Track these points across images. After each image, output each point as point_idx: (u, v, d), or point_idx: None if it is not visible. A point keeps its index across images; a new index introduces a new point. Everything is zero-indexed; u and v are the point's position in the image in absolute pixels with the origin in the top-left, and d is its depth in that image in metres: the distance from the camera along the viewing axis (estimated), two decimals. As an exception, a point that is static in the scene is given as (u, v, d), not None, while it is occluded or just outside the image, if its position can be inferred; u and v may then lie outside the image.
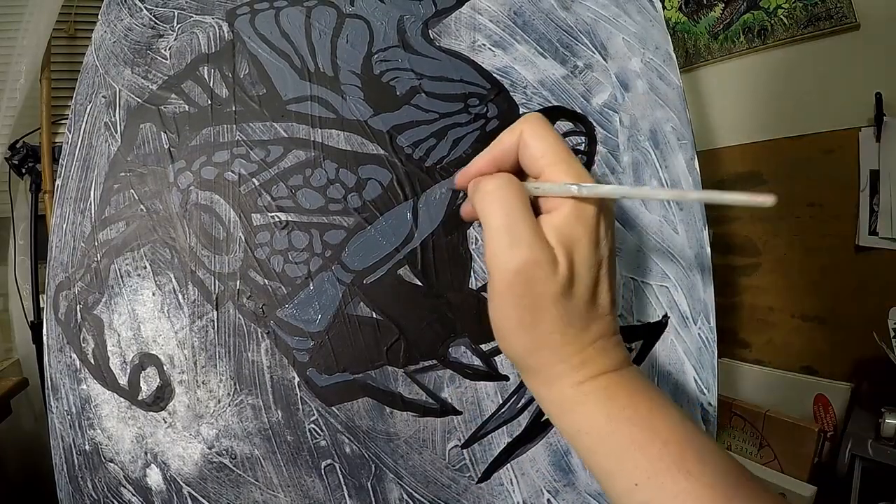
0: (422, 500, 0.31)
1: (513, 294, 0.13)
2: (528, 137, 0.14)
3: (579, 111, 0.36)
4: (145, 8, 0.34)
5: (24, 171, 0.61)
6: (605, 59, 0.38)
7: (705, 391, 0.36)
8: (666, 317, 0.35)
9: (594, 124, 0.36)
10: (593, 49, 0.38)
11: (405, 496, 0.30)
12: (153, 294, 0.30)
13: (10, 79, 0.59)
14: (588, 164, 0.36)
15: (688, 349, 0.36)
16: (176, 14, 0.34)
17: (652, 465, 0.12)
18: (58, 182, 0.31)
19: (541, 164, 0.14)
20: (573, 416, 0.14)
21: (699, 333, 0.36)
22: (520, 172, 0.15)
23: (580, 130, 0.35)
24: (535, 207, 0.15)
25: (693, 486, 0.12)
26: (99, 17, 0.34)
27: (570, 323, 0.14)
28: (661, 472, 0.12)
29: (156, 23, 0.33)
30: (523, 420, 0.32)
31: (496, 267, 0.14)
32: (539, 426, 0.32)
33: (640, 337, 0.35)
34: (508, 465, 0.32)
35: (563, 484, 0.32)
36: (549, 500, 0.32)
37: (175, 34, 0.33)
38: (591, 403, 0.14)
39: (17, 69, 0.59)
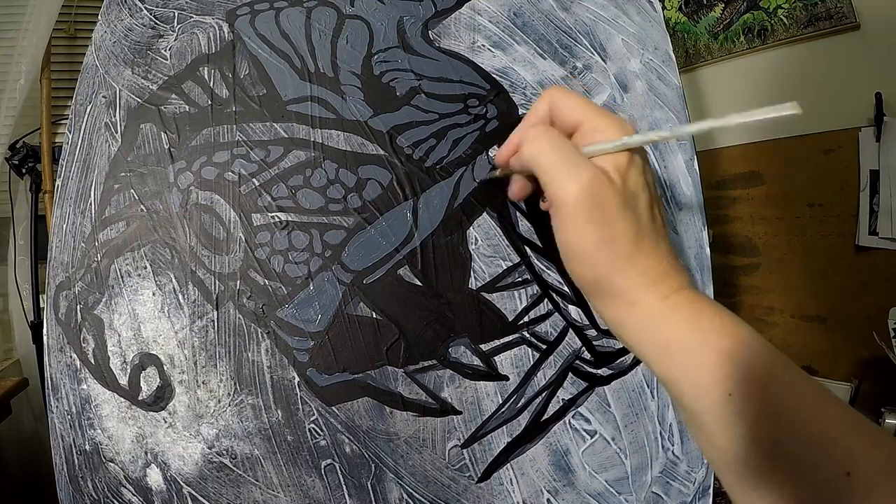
0: (422, 499, 0.31)
1: (584, 211, 0.14)
2: (561, 101, 0.16)
3: None
4: (145, 8, 0.34)
5: (24, 171, 0.61)
6: (604, 60, 0.38)
7: (705, 391, 0.36)
8: (665, 317, 0.36)
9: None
10: (592, 50, 0.38)
11: (405, 496, 0.30)
12: (153, 294, 0.30)
13: (10, 79, 0.59)
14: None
15: (687, 349, 0.36)
16: (176, 14, 0.34)
17: (746, 375, 0.12)
18: (58, 182, 0.31)
19: (575, 118, 0.15)
20: (661, 333, 0.14)
21: (699, 333, 0.36)
22: None
23: None
24: None
25: (785, 390, 0.12)
26: (99, 17, 0.34)
27: (642, 234, 0.14)
28: (755, 380, 0.12)
29: (156, 23, 0.33)
30: (523, 420, 0.32)
31: (562, 196, 0.14)
32: (539, 426, 0.32)
33: None
34: (508, 464, 0.32)
35: (563, 484, 0.32)
36: (548, 499, 0.32)
37: (175, 34, 0.33)
38: (679, 318, 0.14)
39: (17, 69, 0.59)
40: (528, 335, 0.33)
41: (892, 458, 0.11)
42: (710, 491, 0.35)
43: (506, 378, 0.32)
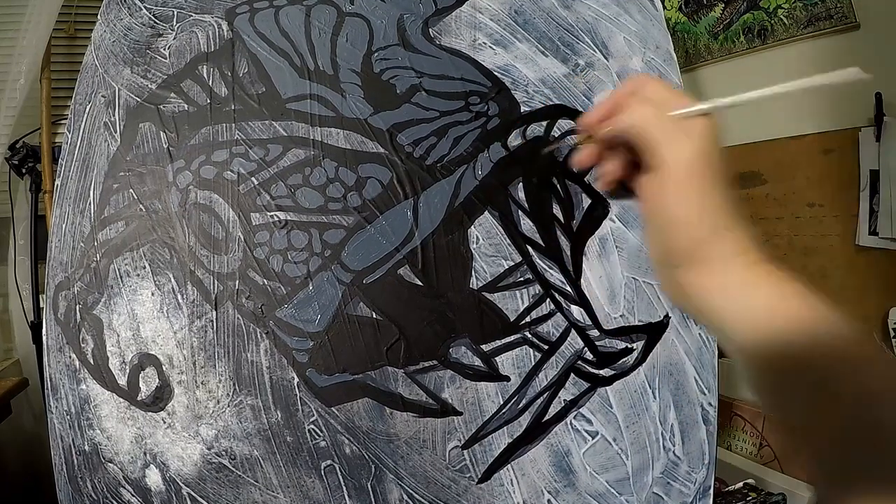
0: (422, 500, 0.30)
1: (693, 178, 0.14)
2: (647, 82, 0.16)
3: (581, 110, 0.36)
4: (145, 7, 0.33)
5: (24, 171, 0.61)
6: (606, 58, 0.37)
7: (706, 391, 0.35)
8: (667, 317, 0.35)
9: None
10: (594, 48, 0.37)
11: (405, 497, 0.30)
12: (152, 294, 0.30)
13: (10, 79, 0.59)
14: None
15: (688, 349, 0.36)
16: (175, 13, 0.33)
17: (831, 333, 0.13)
18: (57, 182, 0.31)
19: (663, 97, 0.16)
20: (752, 298, 0.14)
21: (700, 333, 0.36)
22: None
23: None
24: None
25: (864, 349, 0.13)
26: (98, 16, 0.33)
27: (729, 206, 0.15)
28: (831, 337, 0.13)
29: (155, 22, 0.33)
30: (524, 421, 0.32)
31: (673, 159, 0.14)
32: (540, 427, 0.32)
33: (641, 337, 0.35)
34: (509, 465, 0.32)
35: (564, 484, 0.32)
36: (549, 500, 0.32)
37: (174, 33, 0.33)
38: (767, 286, 0.14)
39: (17, 69, 0.59)
40: (529, 335, 0.33)
41: None
42: (711, 491, 0.35)
43: (507, 379, 0.32)
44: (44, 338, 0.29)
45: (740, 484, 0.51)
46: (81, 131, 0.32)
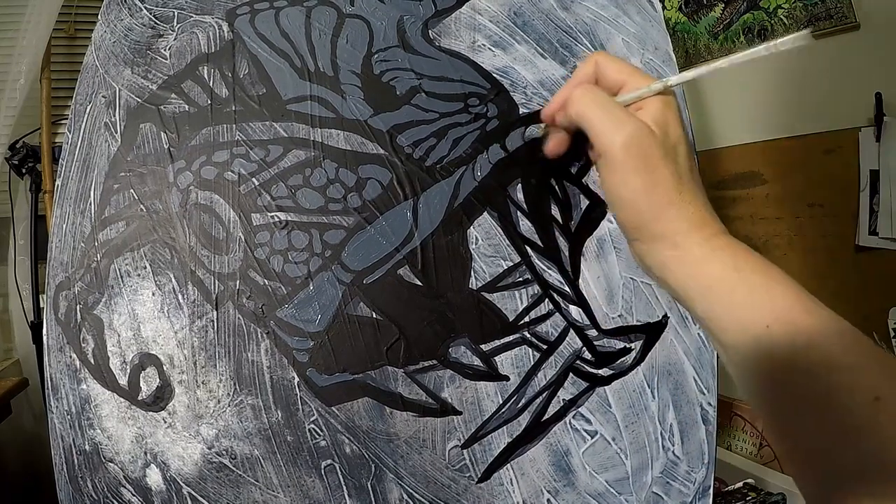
0: (422, 500, 0.30)
1: (630, 160, 0.15)
2: (605, 63, 0.17)
3: None
4: (145, 8, 0.34)
5: (24, 171, 0.61)
6: None
7: (705, 391, 0.36)
8: (666, 317, 0.35)
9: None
10: (593, 49, 0.38)
11: (405, 496, 0.30)
12: (153, 294, 0.30)
13: (10, 79, 0.59)
14: (587, 164, 0.36)
15: (687, 349, 0.36)
16: (176, 14, 0.34)
17: (781, 307, 0.14)
18: (58, 182, 0.31)
19: (620, 78, 0.16)
20: (704, 273, 0.15)
21: (699, 333, 0.36)
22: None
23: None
24: None
25: (816, 321, 0.13)
26: (99, 17, 0.34)
27: (682, 182, 0.15)
28: (788, 311, 0.14)
29: (156, 23, 0.33)
30: (523, 420, 0.32)
31: (609, 146, 0.15)
32: (539, 426, 0.32)
33: (640, 337, 0.35)
34: (508, 465, 0.32)
35: (563, 484, 0.32)
36: (548, 500, 0.32)
37: (175, 34, 0.33)
38: (718, 259, 0.15)
39: (17, 69, 0.59)
40: (528, 335, 0.33)
41: None
42: (711, 491, 0.35)
43: (506, 378, 0.32)
44: (44, 338, 0.29)
45: (740, 484, 0.51)
46: (82, 132, 0.32)
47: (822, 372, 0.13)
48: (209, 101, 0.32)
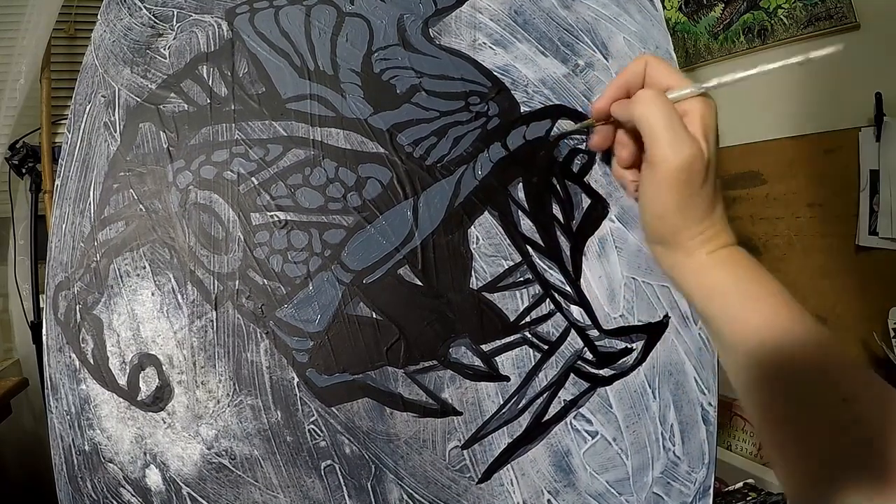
0: (422, 500, 0.30)
1: (676, 182, 0.17)
2: (656, 64, 0.18)
3: (580, 110, 0.36)
4: (145, 7, 0.33)
5: (24, 171, 0.61)
6: (605, 58, 0.37)
7: (705, 391, 0.35)
8: (667, 317, 0.35)
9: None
10: (594, 48, 0.37)
11: (405, 496, 0.30)
12: (152, 294, 0.30)
13: (10, 79, 0.59)
14: (589, 163, 0.36)
15: (688, 349, 0.36)
16: (175, 13, 0.33)
17: (771, 317, 0.16)
18: (57, 182, 0.31)
19: (669, 83, 0.18)
20: (707, 278, 0.17)
21: (699, 333, 0.36)
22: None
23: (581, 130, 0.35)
24: None
25: (801, 330, 0.15)
26: (98, 16, 0.33)
27: (709, 203, 0.17)
28: (780, 317, 0.16)
29: (155, 22, 0.33)
30: (524, 421, 0.32)
31: (663, 161, 0.17)
32: (540, 427, 0.32)
33: (641, 337, 0.35)
34: (509, 465, 0.32)
35: (564, 484, 0.32)
36: (549, 500, 0.32)
37: (174, 33, 0.33)
38: (720, 267, 0.17)
39: (17, 69, 0.59)
40: (529, 335, 0.33)
41: (884, 389, 0.14)
42: (711, 491, 0.35)
43: (507, 379, 0.32)
44: (44, 338, 0.29)
45: (740, 484, 0.51)
46: (81, 131, 0.32)
47: (799, 375, 0.15)
48: (208, 101, 0.32)
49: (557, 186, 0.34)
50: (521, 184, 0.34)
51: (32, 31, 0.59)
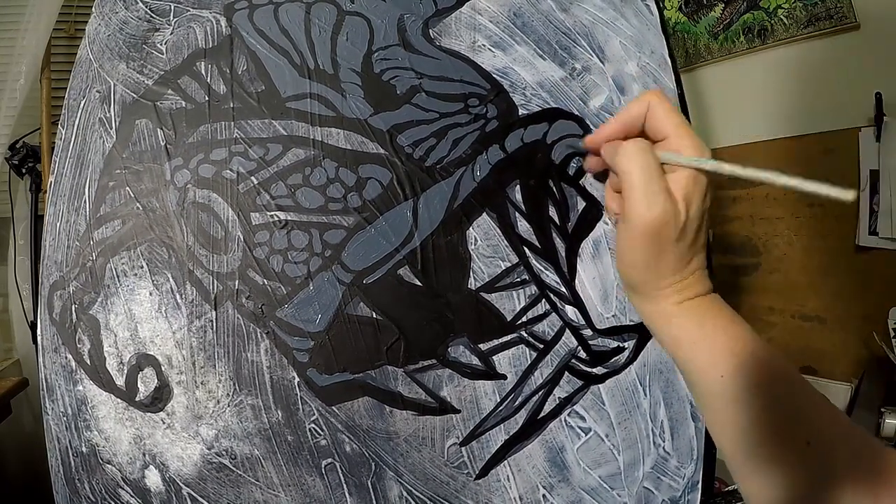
0: (421, 496, 0.31)
1: (645, 240, 0.17)
2: (657, 109, 0.18)
3: (577, 113, 0.36)
4: (141, 1, 0.33)
5: (24, 171, 0.60)
6: (602, 62, 0.37)
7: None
8: (663, 317, 0.36)
9: (592, 127, 0.36)
10: (591, 52, 0.37)
11: (405, 493, 0.30)
12: (150, 294, 0.30)
13: (10, 79, 0.59)
14: (582, 171, 0.36)
15: (685, 349, 0.36)
16: (172, 7, 0.33)
17: (734, 362, 0.16)
18: (51, 179, 0.31)
19: (666, 129, 0.18)
20: (673, 327, 0.18)
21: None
22: (641, 136, 0.19)
23: (578, 133, 0.35)
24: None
25: (764, 369, 0.16)
26: (93, 9, 0.33)
27: (680, 260, 0.18)
28: (741, 366, 0.16)
29: (151, 16, 0.33)
30: (520, 418, 0.32)
31: (635, 218, 0.17)
32: (536, 424, 0.32)
33: (633, 336, 0.35)
34: (505, 461, 0.32)
35: (558, 480, 0.33)
36: (544, 495, 0.32)
37: (171, 28, 0.33)
38: (686, 317, 0.18)
39: (17, 69, 0.58)
40: (526, 335, 0.33)
41: (848, 430, 0.15)
42: (699, 486, 0.35)
43: (504, 377, 0.32)
44: (38, 338, 0.29)
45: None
46: (76, 127, 0.31)
47: (766, 415, 0.16)
48: (207, 98, 0.32)
49: (554, 189, 0.34)
50: (518, 186, 0.34)
51: (32, 31, 0.59)
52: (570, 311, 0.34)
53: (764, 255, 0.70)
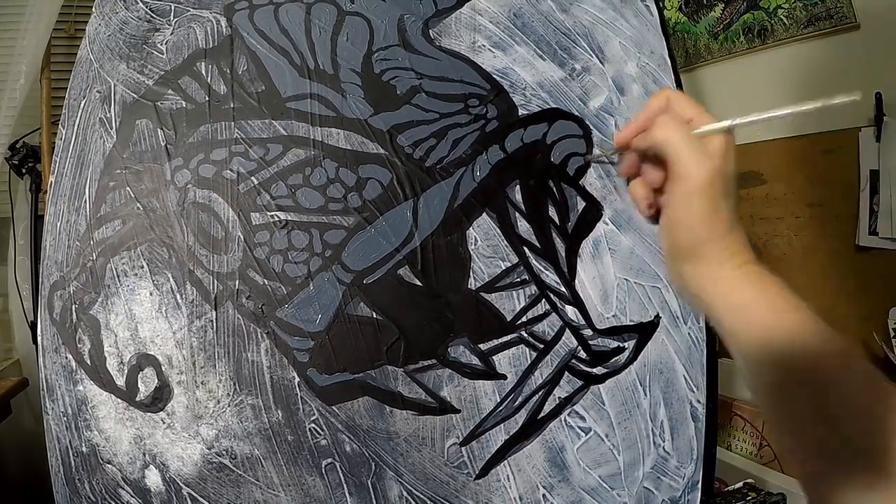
0: (421, 496, 0.31)
1: (702, 195, 0.18)
2: (678, 99, 0.20)
3: (577, 114, 0.36)
4: (141, 1, 0.33)
5: (24, 171, 0.61)
6: (602, 63, 0.37)
7: (694, 389, 0.36)
8: (658, 317, 0.36)
9: (591, 127, 0.36)
10: (591, 52, 0.37)
11: (405, 493, 0.30)
12: (151, 294, 0.30)
13: (10, 79, 0.59)
14: (584, 167, 0.36)
15: (678, 348, 0.36)
16: (173, 7, 0.33)
17: (796, 330, 0.17)
18: (51, 179, 0.31)
19: (689, 115, 0.19)
20: (736, 293, 0.18)
21: (689, 333, 0.36)
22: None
23: (578, 133, 0.35)
24: None
25: (819, 340, 0.16)
26: (93, 9, 0.33)
27: (732, 218, 0.18)
28: (802, 334, 0.17)
29: (152, 16, 0.33)
30: (520, 418, 0.32)
31: (689, 174, 0.18)
32: (536, 424, 0.33)
33: (633, 336, 0.35)
34: (505, 461, 0.32)
35: (558, 479, 0.33)
36: (544, 495, 0.32)
37: (172, 28, 0.33)
38: (749, 284, 0.18)
39: (17, 69, 0.58)
40: (525, 335, 0.33)
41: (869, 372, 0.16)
42: (699, 486, 0.35)
43: (504, 377, 0.32)
44: (39, 338, 0.29)
45: (740, 484, 0.51)
46: (76, 127, 0.31)
47: (810, 378, 0.16)
48: (207, 98, 0.32)
49: (553, 189, 0.34)
50: (518, 186, 0.34)
51: (32, 31, 0.59)
52: (570, 311, 0.34)
53: (764, 255, 0.70)
